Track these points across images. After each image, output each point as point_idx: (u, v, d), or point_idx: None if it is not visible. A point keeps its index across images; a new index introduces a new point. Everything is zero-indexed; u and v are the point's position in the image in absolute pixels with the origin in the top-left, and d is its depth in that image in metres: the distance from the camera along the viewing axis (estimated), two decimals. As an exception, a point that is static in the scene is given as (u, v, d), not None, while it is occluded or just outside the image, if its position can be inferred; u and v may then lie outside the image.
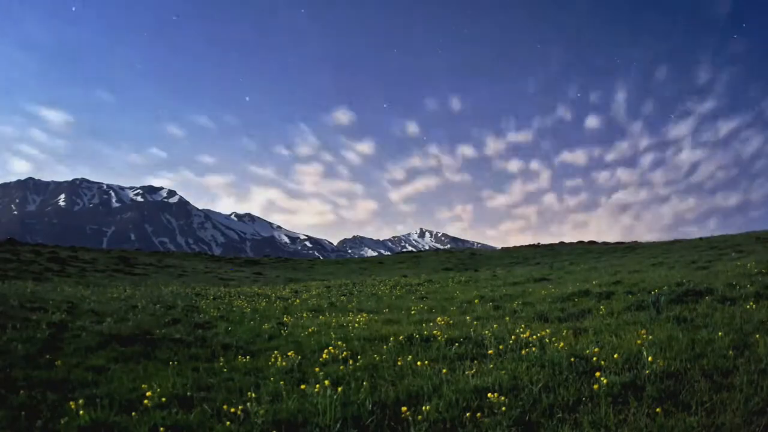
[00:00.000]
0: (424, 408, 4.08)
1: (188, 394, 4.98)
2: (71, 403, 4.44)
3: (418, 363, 5.50)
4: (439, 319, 8.76)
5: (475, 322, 8.28)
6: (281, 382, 5.16)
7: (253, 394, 4.68)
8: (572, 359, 4.97)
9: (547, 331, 6.55)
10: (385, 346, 6.73)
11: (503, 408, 3.98)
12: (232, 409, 4.34)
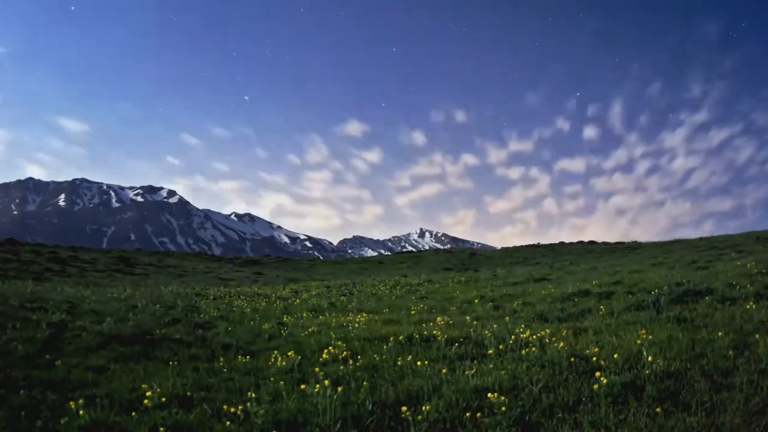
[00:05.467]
0: (424, 408, 4.08)
1: (188, 394, 4.99)
2: (71, 403, 4.44)
3: (418, 363, 5.50)
4: (439, 319, 8.75)
5: (475, 322, 8.28)
6: (281, 382, 5.16)
7: (253, 394, 4.68)
8: (572, 359, 4.97)
9: (547, 331, 6.54)
10: (385, 346, 6.73)
11: (503, 408, 3.98)
12: (232, 409, 4.34)
